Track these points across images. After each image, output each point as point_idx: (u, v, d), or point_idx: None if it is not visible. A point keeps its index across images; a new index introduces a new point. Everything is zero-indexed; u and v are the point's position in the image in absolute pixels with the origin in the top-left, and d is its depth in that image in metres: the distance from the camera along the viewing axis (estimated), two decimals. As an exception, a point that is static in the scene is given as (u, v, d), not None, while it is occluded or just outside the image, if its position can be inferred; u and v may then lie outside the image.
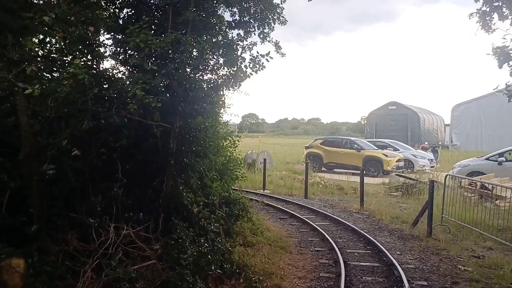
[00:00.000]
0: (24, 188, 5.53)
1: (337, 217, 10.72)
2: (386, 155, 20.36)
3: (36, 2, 7.27)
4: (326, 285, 6.32)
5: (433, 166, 21.79)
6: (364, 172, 18.25)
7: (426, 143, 29.17)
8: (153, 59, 6.23)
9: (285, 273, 6.78)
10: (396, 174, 17.75)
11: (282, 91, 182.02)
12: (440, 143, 35.34)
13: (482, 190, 12.35)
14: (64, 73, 5.71)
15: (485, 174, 14.31)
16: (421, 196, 13.39)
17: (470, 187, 12.87)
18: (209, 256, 5.72)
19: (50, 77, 6.05)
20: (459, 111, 36.86)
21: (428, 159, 22.16)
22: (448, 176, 10.71)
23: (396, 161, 20.29)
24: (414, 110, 39.72)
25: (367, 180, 16.71)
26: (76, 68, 5.42)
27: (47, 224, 5.50)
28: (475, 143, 34.64)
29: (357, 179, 14.19)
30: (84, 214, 5.60)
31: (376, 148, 21.72)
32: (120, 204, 5.76)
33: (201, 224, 6.51)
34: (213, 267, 5.59)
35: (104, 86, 5.95)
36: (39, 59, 7.01)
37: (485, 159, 15.64)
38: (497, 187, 11.25)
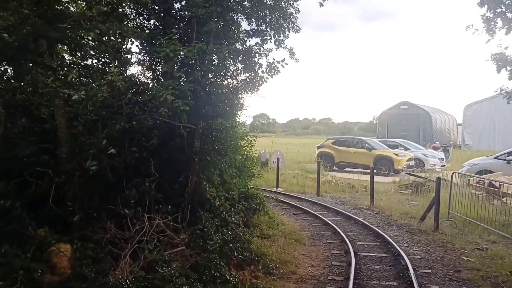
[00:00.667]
0: (67, 183, 6.26)
1: (348, 213, 11.30)
2: (396, 155, 20.80)
3: (71, 12, 8.03)
4: (337, 272, 6.92)
5: (443, 165, 22.15)
6: (375, 171, 18.87)
7: (437, 142, 29.44)
8: (179, 66, 6.91)
9: (299, 262, 7.40)
10: (406, 173, 18.21)
11: (293, 91, 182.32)
12: (451, 142, 35.44)
13: (490, 188, 12.78)
14: (102, 80, 6.43)
15: (494, 173, 14.72)
16: (430, 194, 13.83)
17: (478, 185, 13.31)
18: (231, 244, 6.38)
19: (87, 83, 6.72)
20: (471, 110, 36.95)
21: (438, 158, 22.52)
22: (454, 173, 11.18)
23: (407, 160, 20.72)
24: (426, 110, 39.83)
25: (378, 179, 17.25)
26: (113, 76, 6.13)
27: (88, 215, 6.21)
28: (488, 142, 34.68)
29: (368, 177, 14.70)
30: (119, 206, 6.32)
31: (387, 148, 22.16)
32: (151, 197, 6.46)
33: (223, 216, 7.18)
34: (235, 253, 6.24)
35: (139, 91, 6.63)
36: (74, 66, 7.79)
37: (494, 158, 16.02)
38: (504, 184, 11.68)
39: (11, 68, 7.01)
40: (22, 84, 6.58)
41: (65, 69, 7.23)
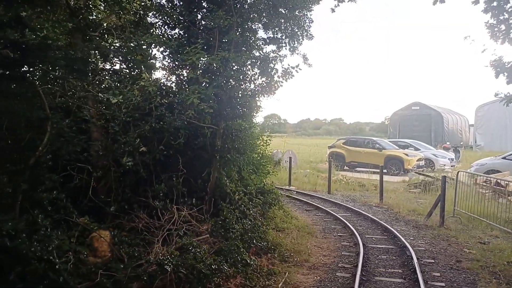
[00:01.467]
0: (104, 177, 7.02)
1: (357, 209, 11.92)
2: (407, 155, 21.29)
3: (102, 22, 8.80)
4: (347, 261, 7.57)
5: (453, 165, 22.58)
6: (386, 170, 19.45)
7: (448, 143, 29.78)
8: (203, 72, 7.63)
9: (312, 252, 8.07)
10: (415, 172, 18.72)
11: (304, 91, 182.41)
12: (461, 143, 35.68)
13: (496, 187, 13.28)
14: (134, 85, 7.19)
15: (501, 172, 15.19)
16: (438, 192, 14.28)
17: (485, 184, 13.81)
18: (250, 234, 7.08)
19: (122, 88, 7.48)
20: (483, 111, 37.09)
21: (448, 159, 22.94)
22: (459, 172, 11.73)
23: (417, 161, 21.20)
24: (437, 111, 40.08)
25: (388, 178, 17.85)
26: (145, 82, 6.88)
27: (122, 206, 6.96)
28: (499, 143, 34.83)
29: (378, 177, 15.28)
30: (150, 198, 7.06)
31: (398, 148, 22.67)
32: (178, 190, 7.19)
33: (241, 209, 7.88)
34: (254, 241, 6.94)
35: (165, 94, 7.37)
36: (104, 72, 8.57)
37: (502, 158, 16.48)
38: (510, 183, 12.19)
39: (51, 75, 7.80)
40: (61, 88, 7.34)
41: (97, 75, 8.02)
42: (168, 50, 8.10)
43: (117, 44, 8.81)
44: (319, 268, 7.24)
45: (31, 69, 5.47)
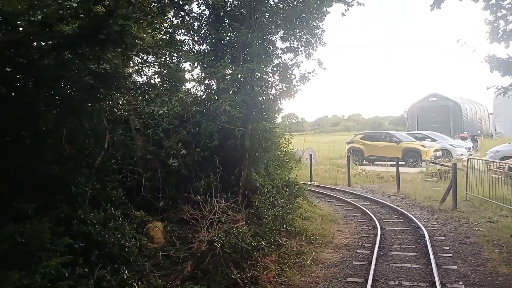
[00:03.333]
0: (152, 177, 8.28)
1: (376, 199, 12.97)
2: (424, 146, 22.12)
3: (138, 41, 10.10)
4: (366, 241, 8.67)
5: (471, 154, 23.25)
6: (404, 163, 20.38)
7: (465, 132, 30.32)
8: (231, 82, 8.83)
9: (334, 235, 9.20)
10: (431, 162, 19.57)
11: (321, 89, 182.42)
12: (479, 131, 36.02)
13: (509, 172, 14.12)
14: (174, 96, 8.46)
15: (516, 158, 15.98)
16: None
17: (499, 170, 14.65)
18: (280, 220, 8.25)
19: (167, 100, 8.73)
20: (501, 99, 37.24)
21: (465, 148, 23.63)
22: (469, 159, 12.65)
23: (434, 151, 22.00)
24: (455, 101, 40.40)
25: (406, 169, 18.78)
26: (184, 94, 8.14)
27: (169, 201, 8.21)
28: (520, 130, 35.08)
29: (394, 168, 16.19)
30: (192, 193, 8.29)
31: (414, 140, 23.47)
32: (216, 186, 8.41)
33: (270, 200, 9.04)
34: (284, 226, 8.11)
35: (201, 104, 8.62)
36: (146, 86, 9.86)
37: (516, 144, 17.24)
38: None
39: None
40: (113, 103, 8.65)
41: (139, 89, 9.32)
42: (198, 64, 9.34)
43: (153, 60, 10.14)
44: (342, 247, 8.37)
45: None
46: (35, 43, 4.87)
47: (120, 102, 9.07)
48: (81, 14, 4.44)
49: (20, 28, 4.24)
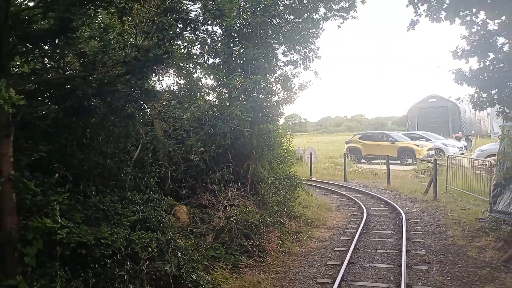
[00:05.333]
0: (177, 170, 10.21)
1: (368, 192, 14.87)
2: (417, 145, 23.99)
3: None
4: (354, 224, 10.58)
5: (463, 153, 25.08)
6: (399, 161, 22.27)
7: (460, 132, 32.16)
8: (241, 91, 10.75)
9: (328, 220, 11.11)
10: (421, 160, 21.43)
11: (324, 90, 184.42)
12: (472, 132, 37.80)
13: (489, 168, 15.95)
14: (193, 103, 10.38)
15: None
16: (441, 176, 17.10)
17: (481, 166, 16.50)
18: (281, 205, 10.17)
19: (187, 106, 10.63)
20: (498, 100, 39.09)
21: (458, 147, 25.45)
22: (449, 156, 14.54)
23: (427, 150, 23.85)
24: (454, 102, 42.02)
25: (401, 167, 20.68)
26: (203, 101, 10.07)
27: (189, 190, 10.13)
28: (516, 130, 36.75)
29: (391, 167, 18.06)
30: (209, 183, 10.21)
31: (409, 140, 25.35)
32: (228, 177, 10.33)
33: (274, 189, 10.95)
34: (285, 210, 10.04)
35: (215, 109, 10.55)
36: (167, 94, 11.78)
37: (500, 143, 19.03)
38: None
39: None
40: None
41: (162, 97, 11.25)
42: (212, 75, 11.26)
43: (173, 71, 12.06)
44: (333, 228, 10.28)
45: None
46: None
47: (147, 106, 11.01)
48: (137, 50, 6.34)
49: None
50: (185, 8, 6.69)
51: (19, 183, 4.64)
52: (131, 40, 8.07)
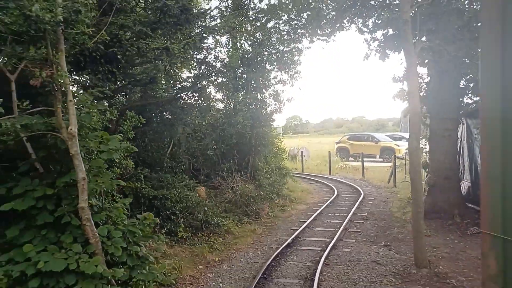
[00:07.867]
0: (197, 161, 14.49)
1: (344, 181, 19.13)
2: (397, 145, 28.19)
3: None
4: (325, 201, 14.80)
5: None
6: (382, 159, 26.46)
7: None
8: (243, 103, 15.01)
9: (308, 199, 15.37)
10: (397, 157, 25.58)
11: (326, 93, 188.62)
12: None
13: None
14: (207, 114, 14.68)
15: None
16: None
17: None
18: (272, 187, 14.43)
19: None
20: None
21: (434, 147, 29.60)
22: (406, 153, 18.75)
23: (406, 149, 28.00)
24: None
25: (382, 164, 24.87)
26: (215, 111, 14.38)
27: (206, 175, 14.40)
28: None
29: (374, 164, 22.26)
30: (220, 171, 14.48)
31: (391, 140, 29.55)
32: (234, 167, 14.58)
33: (268, 176, 15.22)
34: (275, 189, 14.32)
35: (223, 116, 14.83)
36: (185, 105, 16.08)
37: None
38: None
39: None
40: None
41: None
42: (221, 92, 15.54)
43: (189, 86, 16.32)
44: (310, 204, 14.54)
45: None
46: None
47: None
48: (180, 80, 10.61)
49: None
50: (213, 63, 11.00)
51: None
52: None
